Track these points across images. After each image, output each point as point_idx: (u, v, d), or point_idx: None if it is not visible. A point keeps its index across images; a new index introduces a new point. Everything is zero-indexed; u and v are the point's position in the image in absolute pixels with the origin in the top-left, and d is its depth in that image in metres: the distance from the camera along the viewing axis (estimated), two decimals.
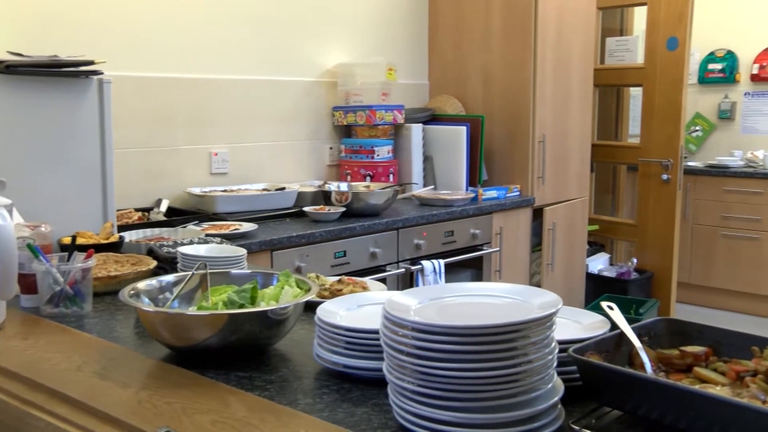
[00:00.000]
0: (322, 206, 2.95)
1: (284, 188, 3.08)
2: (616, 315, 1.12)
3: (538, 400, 0.93)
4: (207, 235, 2.25)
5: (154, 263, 1.81)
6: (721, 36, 5.66)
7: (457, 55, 3.94)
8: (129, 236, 2.20)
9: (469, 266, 3.46)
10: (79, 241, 1.82)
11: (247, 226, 2.58)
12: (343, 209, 2.89)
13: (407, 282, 3.01)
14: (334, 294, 1.57)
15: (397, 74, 3.62)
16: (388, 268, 2.96)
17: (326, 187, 3.06)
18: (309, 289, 1.32)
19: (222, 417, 1.01)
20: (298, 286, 1.35)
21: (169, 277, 1.40)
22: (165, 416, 1.01)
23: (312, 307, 1.33)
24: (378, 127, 3.48)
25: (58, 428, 1.06)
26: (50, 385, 1.14)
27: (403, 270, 2.99)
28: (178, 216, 2.70)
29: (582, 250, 4.25)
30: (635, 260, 4.67)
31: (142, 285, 1.35)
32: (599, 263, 4.79)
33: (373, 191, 3.06)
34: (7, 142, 1.95)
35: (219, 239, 2.03)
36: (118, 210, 2.45)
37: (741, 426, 0.83)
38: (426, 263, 3.02)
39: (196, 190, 2.96)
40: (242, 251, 1.77)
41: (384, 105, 3.47)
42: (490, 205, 3.43)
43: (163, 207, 2.82)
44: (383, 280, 2.87)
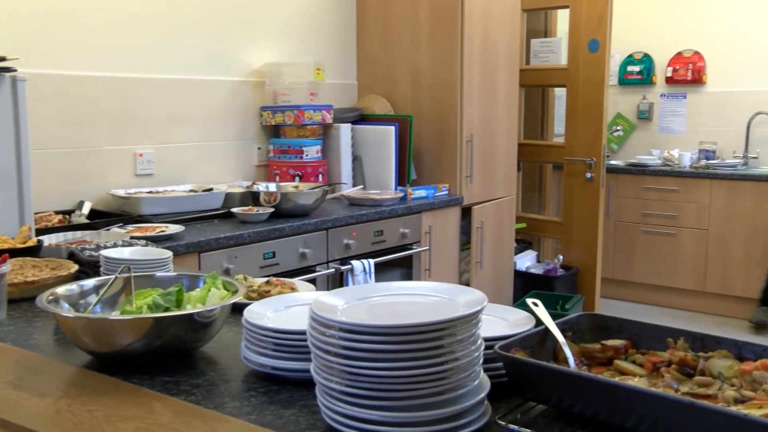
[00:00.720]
0: (250, 207, 2.92)
1: (212, 189, 3.03)
2: (541, 311, 1.15)
3: (465, 397, 0.94)
4: (132, 237, 2.19)
5: (75, 267, 1.75)
6: (638, 39, 5.87)
7: (385, 55, 3.96)
8: (49, 240, 2.12)
9: (398, 265, 3.48)
10: None
11: (173, 228, 2.53)
12: (271, 210, 2.87)
13: (337, 282, 3.00)
14: (262, 295, 1.56)
15: (325, 74, 3.61)
16: (317, 268, 2.95)
17: (255, 188, 3.03)
18: (236, 291, 1.31)
19: (146, 423, 0.98)
20: (225, 288, 1.34)
21: (91, 282, 1.36)
22: (85, 425, 0.98)
23: (240, 309, 1.31)
24: (306, 127, 3.46)
25: None
26: None
27: (333, 270, 2.99)
28: (101, 218, 2.62)
29: (510, 248, 4.33)
30: (561, 257, 4.79)
31: (61, 290, 1.31)
32: (527, 261, 4.89)
33: (302, 191, 3.05)
34: None
35: (144, 242, 1.99)
36: (37, 213, 2.37)
37: (656, 414, 0.86)
38: (356, 263, 3.02)
39: (121, 192, 2.88)
40: (168, 253, 1.73)
41: (312, 105, 3.45)
42: (419, 205, 3.46)
43: (86, 209, 2.73)
44: (313, 280, 2.86)
